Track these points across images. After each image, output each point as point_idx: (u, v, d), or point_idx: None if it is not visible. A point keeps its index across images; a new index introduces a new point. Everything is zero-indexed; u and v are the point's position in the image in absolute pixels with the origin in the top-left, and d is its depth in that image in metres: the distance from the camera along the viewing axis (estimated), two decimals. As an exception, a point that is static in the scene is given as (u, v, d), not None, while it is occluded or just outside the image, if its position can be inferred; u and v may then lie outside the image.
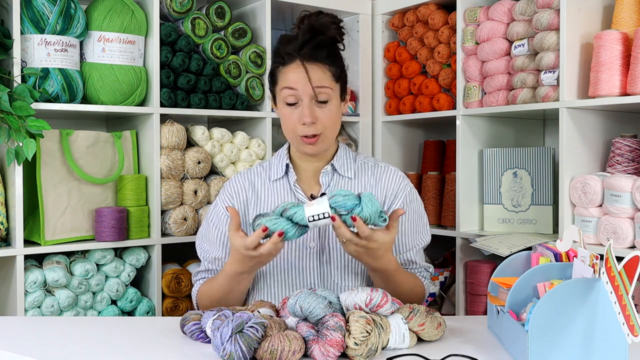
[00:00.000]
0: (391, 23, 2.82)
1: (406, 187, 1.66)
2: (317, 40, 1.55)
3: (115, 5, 2.23)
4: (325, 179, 1.64)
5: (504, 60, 2.36)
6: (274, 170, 1.67)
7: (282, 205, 1.40)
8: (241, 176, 1.70)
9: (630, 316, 1.03)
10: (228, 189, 1.69)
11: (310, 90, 1.54)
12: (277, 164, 1.67)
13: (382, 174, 1.66)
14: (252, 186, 1.67)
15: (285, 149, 1.70)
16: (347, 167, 1.65)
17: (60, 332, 1.42)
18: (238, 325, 1.14)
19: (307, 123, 1.54)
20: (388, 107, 2.86)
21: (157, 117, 2.30)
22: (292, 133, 1.58)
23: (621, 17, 2.05)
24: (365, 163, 1.69)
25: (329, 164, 1.65)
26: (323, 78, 1.55)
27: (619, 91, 1.99)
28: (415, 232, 1.65)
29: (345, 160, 1.66)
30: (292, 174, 1.65)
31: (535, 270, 1.25)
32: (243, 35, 2.52)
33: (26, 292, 2.10)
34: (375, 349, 1.18)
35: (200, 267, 1.70)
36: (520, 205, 2.42)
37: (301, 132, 1.56)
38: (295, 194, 1.63)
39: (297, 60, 1.55)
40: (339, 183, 1.64)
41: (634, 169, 2.08)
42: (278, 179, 1.66)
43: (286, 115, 1.58)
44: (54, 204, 2.18)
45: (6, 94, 1.97)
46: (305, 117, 1.54)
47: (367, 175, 1.66)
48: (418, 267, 1.66)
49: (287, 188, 1.64)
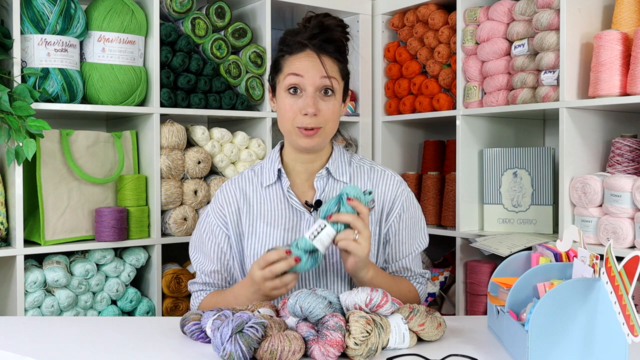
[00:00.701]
0: (391, 23, 2.82)
1: (403, 193, 1.62)
2: (327, 35, 1.54)
3: (115, 5, 2.23)
4: (320, 184, 1.59)
5: (504, 60, 2.36)
6: (266, 175, 1.61)
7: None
8: (232, 184, 1.64)
9: (630, 316, 1.03)
10: (219, 198, 1.63)
11: (317, 80, 1.50)
12: (269, 169, 1.61)
13: (379, 179, 1.62)
14: (243, 194, 1.62)
15: (277, 151, 1.63)
16: (342, 171, 1.60)
17: (60, 332, 1.42)
18: (238, 325, 1.14)
19: (309, 114, 1.49)
20: (388, 107, 2.86)
21: (157, 117, 2.30)
22: (290, 124, 1.52)
23: (621, 17, 2.05)
24: (360, 166, 1.64)
25: (324, 167, 1.60)
26: (332, 69, 1.53)
27: (619, 91, 1.99)
28: (412, 239, 1.62)
29: (340, 164, 1.61)
30: (285, 180, 1.59)
31: (535, 270, 1.25)
32: (243, 35, 2.52)
33: (26, 292, 2.10)
34: (375, 349, 1.18)
35: (196, 279, 1.66)
36: (520, 205, 2.42)
37: (301, 123, 1.51)
38: (288, 200, 1.58)
39: (307, 49, 1.52)
40: (334, 188, 1.59)
41: (634, 169, 2.08)
42: (270, 185, 1.60)
43: (286, 105, 1.53)
44: (54, 204, 2.17)
45: (6, 94, 1.97)
46: (309, 107, 1.49)
47: (363, 179, 1.62)
48: (413, 275, 1.64)
49: (280, 195, 1.59)
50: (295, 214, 1.57)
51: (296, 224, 1.57)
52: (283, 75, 1.54)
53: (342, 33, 1.57)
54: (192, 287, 1.67)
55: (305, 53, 1.52)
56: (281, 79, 1.55)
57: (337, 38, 1.56)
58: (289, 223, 1.57)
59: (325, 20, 1.54)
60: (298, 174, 1.61)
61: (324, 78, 1.51)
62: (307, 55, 1.52)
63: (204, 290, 1.65)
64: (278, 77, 1.56)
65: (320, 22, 1.54)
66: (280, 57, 1.57)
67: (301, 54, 1.53)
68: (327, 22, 1.54)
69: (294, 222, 1.57)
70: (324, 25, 1.54)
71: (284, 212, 1.58)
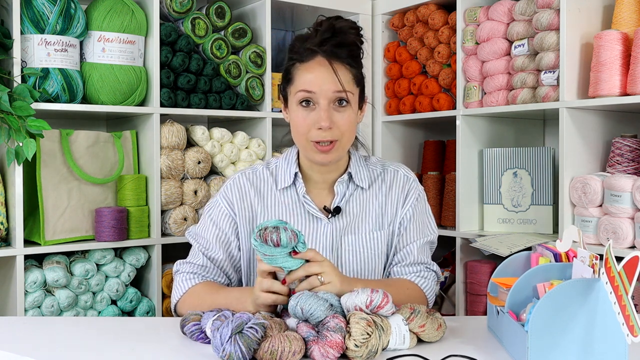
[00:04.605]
0: (391, 23, 2.82)
1: (413, 189, 1.59)
2: (338, 39, 1.45)
3: (115, 5, 2.23)
4: (341, 188, 1.54)
5: (504, 60, 2.36)
6: (281, 177, 1.55)
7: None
8: (247, 180, 1.58)
9: (630, 316, 1.03)
10: (233, 191, 1.56)
11: (330, 92, 1.43)
12: (285, 170, 1.55)
13: (392, 181, 1.58)
14: (258, 193, 1.56)
15: (295, 153, 1.57)
16: (362, 176, 1.56)
17: (60, 332, 1.42)
18: (238, 326, 1.14)
19: (323, 128, 1.43)
20: (388, 107, 2.86)
21: (157, 117, 2.30)
22: (304, 139, 1.46)
23: (621, 17, 2.05)
24: (374, 169, 1.60)
25: (346, 172, 1.55)
26: (345, 79, 1.45)
27: (619, 91, 1.99)
28: (419, 226, 1.58)
29: (359, 169, 1.57)
30: (300, 185, 1.53)
31: (535, 271, 1.25)
32: (243, 35, 2.52)
33: (26, 292, 2.10)
34: (375, 351, 1.18)
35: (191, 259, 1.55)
36: (520, 205, 2.42)
37: (315, 137, 1.44)
38: (304, 205, 1.53)
39: (318, 56, 1.44)
40: (354, 194, 1.56)
41: (634, 169, 2.08)
42: (285, 188, 1.55)
43: (299, 119, 1.46)
44: (54, 204, 2.17)
45: (6, 94, 1.97)
46: (323, 121, 1.42)
47: (379, 184, 1.58)
48: (414, 263, 1.56)
49: (295, 199, 1.54)
50: (312, 220, 1.53)
51: (314, 230, 1.53)
52: (295, 89, 1.47)
53: (356, 36, 1.48)
54: (183, 267, 1.54)
55: (316, 61, 1.45)
56: (292, 92, 1.48)
57: (350, 41, 1.47)
58: (306, 229, 1.53)
59: (336, 23, 1.46)
60: (315, 181, 1.56)
61: (337, 92, 1.44)
62: (319, 64, 1.44)
63: (198, 274, 1.52)
64: (289, 89, 1.50)
65: (331, 25, 1.45)
66: (290, 65, 1.49)
67: (312, 62, 1.45)
68: (339, 25, 1.46)
69: (311, 229, 1.53)
70: (335, 29, 1.45)
71: (300, 217, 1.54)
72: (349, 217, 1.54)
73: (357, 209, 1.56)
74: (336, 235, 1.53)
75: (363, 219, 1.55)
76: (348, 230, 1.54)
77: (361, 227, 1.55)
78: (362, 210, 1.56)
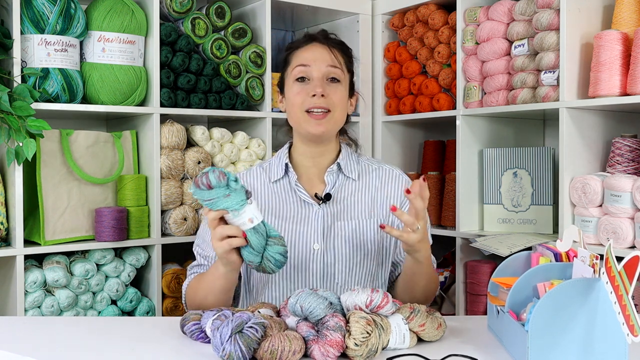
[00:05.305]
0: (391, 23, 2.82)
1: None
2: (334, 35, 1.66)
3: (115, 5, 2.23)
4: (331, 178, 1.63)
5: (504, 60, 2.36)
6: (274, 170, 1.66)
7: None
8: (240, 178, 1.66)
9: (630, 316, 1.03)
10: None
11: (324, 68, 1.57)
12: (277, 164, 1.66)
13: (387, 179, 1.66)
14: (252, 190, 1.65)
15: (285, 149, 1.68)
16: (351, 168, 1.65)
17: (60, 332, 1.42)
18: (238, 325, 1.14)
19: (317, 94, 1.55)
20: (388, 107, 2.86)
21: (157, 117, 2.30)
22: (299, 110, 1.57)
23: (621, 17, 2.05)
24: (368, 165, 1.69)
25: (335, 163, 1.64)
26: (337, 59, 1.60)
27: (619, 91, 1.99)
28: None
29: (348, 161, 1.66)
30: (292, 174, 1.63)
31: (535, 270, 1.25)
32: (243, 35, 2.52)
33: (26, 292, 2.10)
34: (375, 350, 1.18)
35: (193, 262, 1.70)
36: (520, 205, 2.42)
37: (309, 105, 1.56)
38: (296, 192, 1.62)
39: (315, 41, 1.61)
40: (344, 184, 1.64)
41: (634, 169, 2.08)
42: (278, 180, 1.64)
43: (294, 91, 1.58)
44: (54, 204, 2.17)
45: (6, 94, 1.97)
46: (317, 88, 1.55)
47: (372, 177, 1.66)
48: None
49: (287, 188, 1.63)
50: (304, 206, 1.61)
51: (305, 216, 1.60)
52: (291, 68, 1.61)
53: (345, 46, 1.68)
54: (189, 271, 1.69)
55: (312, 45, 1.61)
56: (289, 72, 1.61)
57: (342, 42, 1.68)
58: (298, 215, 1.60)
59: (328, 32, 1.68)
60: (306, 169, 1.65)
61: (330, 67, 1.58)
62: (315, 46, 1.61)
63: (195, 273, 1.65)
64: (287, 71, 1.63)
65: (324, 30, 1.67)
66: (288, 54, 1.65)
67: (309, 45, 1.61)
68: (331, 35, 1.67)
69: (303, 215, 1.60)
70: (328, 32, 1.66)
71: (293, 205, 1.61)
72: (340, 204, 1.62)
73: (347, 197, 1.63)
74: (327, 221, 1.59)
75: (354, 207, 1.62)
76: (338, 217, 1.60)
77: (352, 214, 1.61)
78: (352, 198, 1.63)
